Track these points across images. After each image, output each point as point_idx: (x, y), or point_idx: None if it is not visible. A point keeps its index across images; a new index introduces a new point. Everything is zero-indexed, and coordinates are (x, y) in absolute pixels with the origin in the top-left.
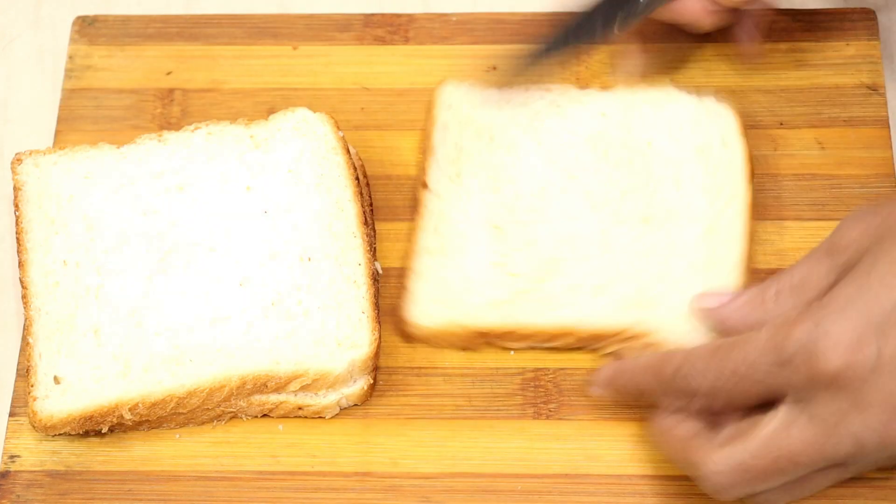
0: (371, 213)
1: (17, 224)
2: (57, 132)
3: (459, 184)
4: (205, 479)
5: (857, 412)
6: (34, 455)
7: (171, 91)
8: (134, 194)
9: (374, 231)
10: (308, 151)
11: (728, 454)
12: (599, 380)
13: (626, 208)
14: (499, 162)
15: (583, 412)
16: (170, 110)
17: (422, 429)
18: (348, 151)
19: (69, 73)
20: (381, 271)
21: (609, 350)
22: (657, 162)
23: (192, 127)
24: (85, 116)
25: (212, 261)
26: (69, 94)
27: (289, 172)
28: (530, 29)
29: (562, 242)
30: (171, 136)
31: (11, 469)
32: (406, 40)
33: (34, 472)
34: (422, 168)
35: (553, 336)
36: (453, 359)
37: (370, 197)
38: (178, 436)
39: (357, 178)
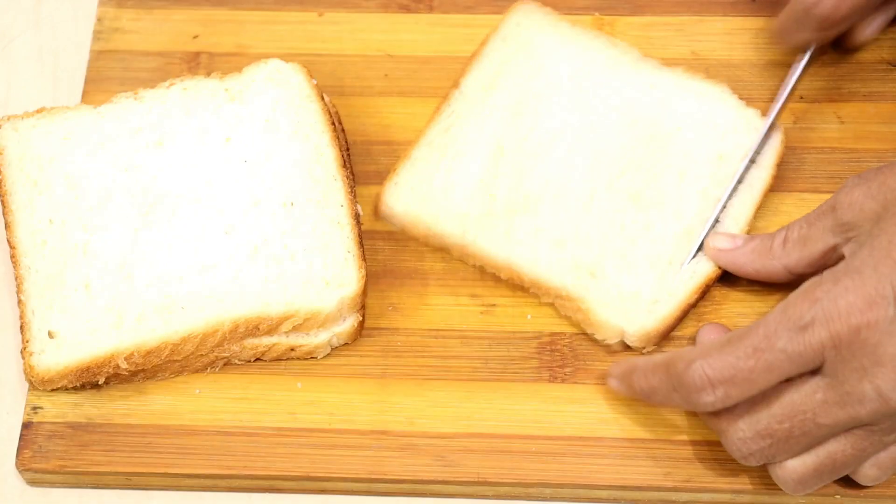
0: (349, 157)
1: (0, 187)
2: (84, 92)
3: (489, 94)
4: (223, 434)
5: (878, 366)
6: (56, 407)
7: (198, 55)
8: (114, 152)
9: (353, 174)
10: (283, 101)
11: (752, 419)
12: (615, 374)
13: (623, 180)
14: (534, 90)
15: (598, 376)
16: (195, 74)
17: (438, 389)
18: (322, 98)
19: (97, 35)
20: (361, 212)
21: (546, 300)
22: (675, 149)
23: (167, 83)
24: (112, 78)
25: (196, 211)
26: (97, 56)
27: (266, 122)
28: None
29: (549, 185)
30: (146, 94)
31: (34, 420)
32: (431, 9)
33: (56, 423)
34: (464, 69)
35: (499, 269)
36: (471, 321)
37: (346, 142)
38: (197, 391)
39: (333, 124)
